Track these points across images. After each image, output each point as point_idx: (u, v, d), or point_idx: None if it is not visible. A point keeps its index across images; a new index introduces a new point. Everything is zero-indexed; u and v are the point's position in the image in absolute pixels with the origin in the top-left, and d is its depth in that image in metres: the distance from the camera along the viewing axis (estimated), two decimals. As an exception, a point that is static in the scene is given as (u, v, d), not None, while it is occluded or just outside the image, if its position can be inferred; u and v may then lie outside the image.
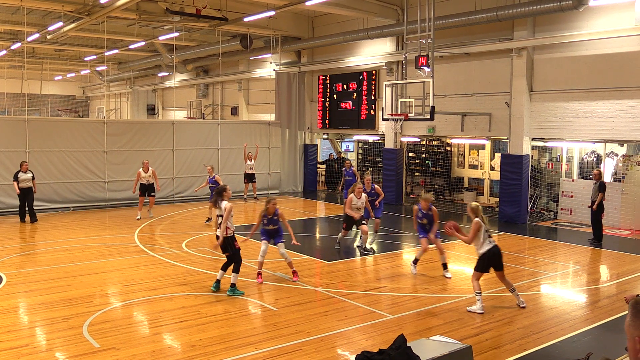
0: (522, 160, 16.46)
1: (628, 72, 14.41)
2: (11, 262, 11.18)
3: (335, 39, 20.99)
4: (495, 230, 15.72)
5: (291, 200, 20.57)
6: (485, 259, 8.78)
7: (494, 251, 8.78)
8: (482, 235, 8.78)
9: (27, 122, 17.73)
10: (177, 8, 19.16)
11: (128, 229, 15.09)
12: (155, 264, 11.38)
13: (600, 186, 13.65)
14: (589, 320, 8.37)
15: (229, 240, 9.37)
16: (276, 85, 23.49)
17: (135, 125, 20.32)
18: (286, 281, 10.15)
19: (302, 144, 24.10)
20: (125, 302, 8.93)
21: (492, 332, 7.79)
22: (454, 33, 17.70)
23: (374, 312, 8.57)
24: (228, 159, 21.54)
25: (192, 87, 33.06)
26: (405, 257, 12.51)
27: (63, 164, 18.12)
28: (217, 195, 9.55)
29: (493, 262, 8.80)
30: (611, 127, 14.87)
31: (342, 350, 7.19)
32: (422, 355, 5.35)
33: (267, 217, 10.20)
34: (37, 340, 7.42)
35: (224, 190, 9.52)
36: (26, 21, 20.29)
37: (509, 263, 11.71)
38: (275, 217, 10.27)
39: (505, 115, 16.91)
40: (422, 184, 21.34)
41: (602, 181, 13.84)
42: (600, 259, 12.60)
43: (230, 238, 9.37)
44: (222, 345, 7.17)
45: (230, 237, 9.37)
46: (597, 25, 14.73)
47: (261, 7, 19.44)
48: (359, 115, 21.99)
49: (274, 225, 10.30)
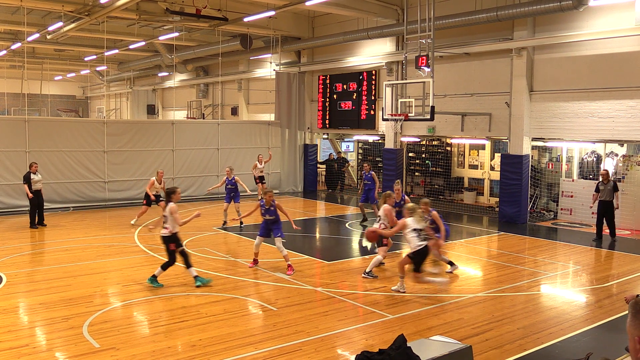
0: (522, 160, 16.46)
1: (628, 72, 14.41)
2: (11, 262, 11.18)
3: (335, 39, 20.99)
4: (495, 230, 15.73)
5: (291, 200, 20.57)
6: (417, 255, 9.23)
7: (420, 252, 9.19)
8: (409, 234, 9.21)
9: (27, 122, 17.73)
10: (177, 8, 19.16)
11: (128, 229, 15.09)
12: (155, 264, 11.36)
13: (614, 186, 13.85)
14: (589, 320, 8.36)
15: (167, 239, 9.67)
16: (276, 85, 23.49)
17: (135, 125, 20.32)
18: (286, 281, 10.15)
19: (302, 144, 24.10)
20: (125, 302, 8.93)
21: (492, 332, 7.79)
22: (454, 33, 17.70)
23: (374, 312, 8.57)
24: (228, 159, 21.54)
25: (192, 87, 33.06)
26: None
27: (63, 164, 18.12)
28: (166, 196, 9.88)
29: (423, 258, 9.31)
30: (611, 127, 14.88)
31: (342, 350, 7.19)
32: (422, 355, 5.35)
33: (264, 207, 10.75)
34: (37, 340, 7.42)
35: (173, 193, 9.82)
36: (26, 21, 20.29)
37: (509, 263, 11.73)
38: (272, 208, 10.75)
39: (505, 115, 16.91)
40: (422, 184, 21.35)
41: (614, 181, 13.97)
42: (600, 259, 12.60)
43: (167, 237, 9.66)
44: (222, 345, 7.17)
45: (167, 237, 9.66)
46: (597, 25, 14.73)
47: (261, 7, 19.44)
48: (359, 115, 22.00)
49: (271, 215, 10.77)
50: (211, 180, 21.23)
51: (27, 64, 24.98)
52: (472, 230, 15.81)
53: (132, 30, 24.18)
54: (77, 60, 34.27)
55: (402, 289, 9.47)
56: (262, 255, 12.17)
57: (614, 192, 13.84)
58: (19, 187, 17.30)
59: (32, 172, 15.12)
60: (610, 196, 13.87)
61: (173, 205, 9.65)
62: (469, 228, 16.12)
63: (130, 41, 25.80)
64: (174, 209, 9.61)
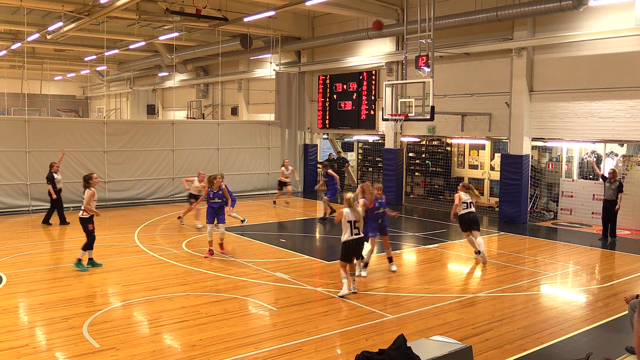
0: (522, 160, 16.46)
1: (628, 72, 14.41)
2: (11, 262, 11.18)
3: (335, 39, 20.99)
4: (495, 230, 15.73)
5: (291, 200, 20.56)
6: (346, 247, 9.27)
7: (353, 242, 9.25)
8: (345, 224, 9.24)
9: (27, 122, 17.73)
10: (177, 8, 19.15)
11: (128, 229, 15.09)
12: (155, 264, 11.38)
13: (619, 186, 13.83)
14: (589, 320, 8.37)
15: (84, 221, 10.74)
16: (276, 85, 23.49)
17: (135, 125, 20.32)
18: (286, 281, 10.15)
19: (302, 144, 24.10)
20: (125, 302, 8.93)
21: (492, 332, 7.79)
22: (454, 33, 17.70)
23: (374, 312, 8.57)
24: (228, 159, 21.55)
25: (192, 87, 33.06)
26: (405, 257, 12.51)
27: (63, 164, 18.03)
28: (84, 182, 10.88)
29: (353, 252, 9.31)
30: (611, 127, 14.87)
31: (342, 351, 7.19)
32: (422, 355, 5.35)
33: (212, 191, 11.80)
34: (37, 340, 7.42)
35: (90, 178, 10.91)
36: (26, 21, 20.28)
37: (509, 263, 11.73)
38: (220, 191, 11.87)
39: (505, 115, 16.91)
40: (422, 184, 21.34)
41: (619, 180, 13.95)
42: (600, 259, 12.60)
43: (85, 219, 10.73)
44: (222, 345, 7.17)
45: (85, 219, 10.73)
46: (597, 25, 14.73)
47: (261, 7, 19.44)
48: (359, 115, 21.99)
49: (219, 199, 11.86)
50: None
51: (27, 64, 25.01)
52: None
53: (132, 30, 24.18)
54: (77, 60, 34.27)
55: (346, 291, 9.22)
56: (262, 255, 12.19)
57: (618, 192, 13.83)
58: (19, 187, 17.33)
59: (54, 172, 15.32)
60: (613, 195, 13.86)
61: (92, 190, 10.77)
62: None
63: (130, 41, 25.79)
64: (91, 193, 10.73)
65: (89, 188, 10.79)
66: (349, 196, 9.36)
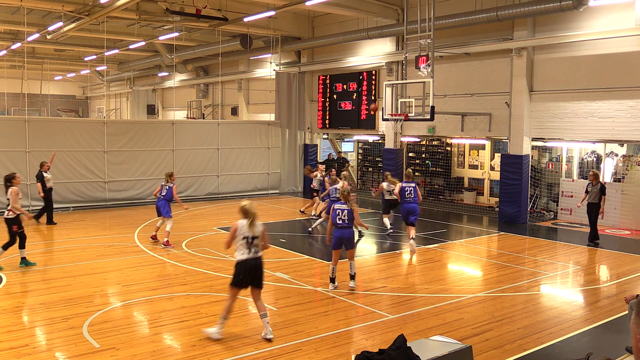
0: (522, 160, 16.46)
1: (628, 72, 14.41)
2: (11, 262, 11.17)
3: (335, 39, 20.99)
4: (495, 230, 15.73)
5: (291, 200, 20.57)
6: (239, 269, 7.33)
7: (251, 264, 7.29)
8: (239, 241, 7.33)
9: (27, 122, 17.73)
10: (177, 8, 19.16)
11: (128, 229, 15.09)
12: (155, 264, 11.38)
13: (602, 189, 13.55)
14: (589, 320, 8.36)
15: (9, 221, 10.62)
16: (276, 85, 23.49)
17: (135, 125, 20.32)
18: (286, 281, 10.15)
19: (302, 144, 24.10)
20: (125, 302, 8.93)
21: (492, 332, 7.79)
22: (454, 33, 17.70)
23: (374, 312, 8.57)
24: (228, 159, 21.55)
25: (192, 87, 33.07)
26: (405, 257, 12.51)
27: (63, 164, 18.12)
28: (5, 181, 10.83)
29: (249, 276, 7.32)
30: (611, 127, 14.87)
31: (342, 351, 7.18)
32: (422, 355, 5.35)
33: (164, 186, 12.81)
34: (37, 340, 7.42)
35: (13, 178, 10.87)
36: (26, 21, 20.28)
37: (509, 263, 11.73)
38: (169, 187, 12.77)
39: (505, 115, 16.91)
40: (422, 184, 21.34)
41: (602, 183, 13.79)
42: (600, 259, 12.60)
43: (10, 220, 10.62)
44: (222, 345, 7.17)
45: (10, 219, 10.62)
46: (597, 25, 14.73)
47: (261, 7, 19.44)
48: (359, 115, 22.00)
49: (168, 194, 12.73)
50: (211, 180, 21.27)
51: (27, 64, 25.01)
52: (472, 230, 15.82)
53: (132, 30, 24.18)
54: (77, 60, 34.28)
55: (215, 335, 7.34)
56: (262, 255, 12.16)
57: (600, 195, 13.49)
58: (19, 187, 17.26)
59: (44, 171, 15.39)
60: (595, 198, 13.55)
61: (15, 188, 10.71)
62: (469, 228, 16.12)
63: (130, 41, 25.79)
64: (15, 192, 10.67)
65: (11, 187, 10.72)
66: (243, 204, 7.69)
